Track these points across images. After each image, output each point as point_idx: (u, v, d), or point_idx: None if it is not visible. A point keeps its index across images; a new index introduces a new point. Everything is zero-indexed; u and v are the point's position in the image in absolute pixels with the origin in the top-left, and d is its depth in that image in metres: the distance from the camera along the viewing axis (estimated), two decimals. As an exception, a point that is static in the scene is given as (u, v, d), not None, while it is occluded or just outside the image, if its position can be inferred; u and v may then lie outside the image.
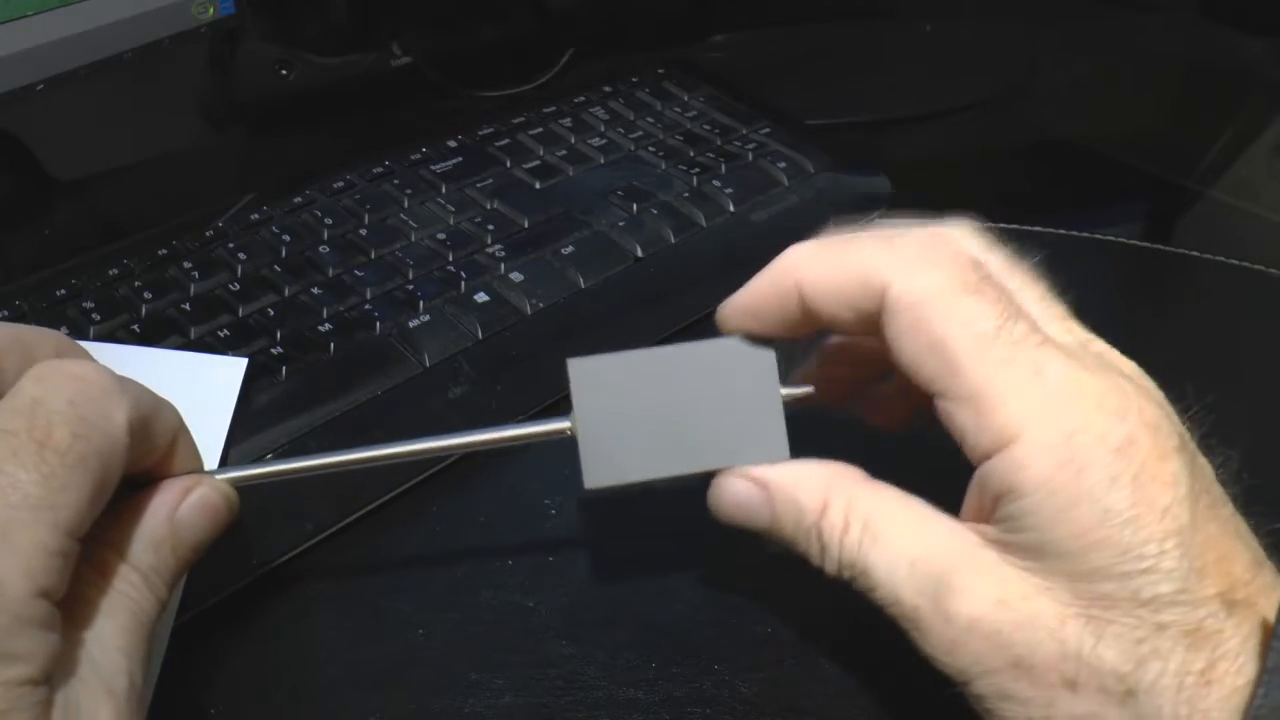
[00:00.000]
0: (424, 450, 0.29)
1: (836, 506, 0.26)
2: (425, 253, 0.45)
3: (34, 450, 0.23)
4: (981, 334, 0.23)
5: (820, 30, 0.70)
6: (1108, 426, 0.22)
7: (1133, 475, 0.22)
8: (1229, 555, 0.22)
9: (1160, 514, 0.22)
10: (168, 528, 0.26)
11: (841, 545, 0.25)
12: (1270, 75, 0.68)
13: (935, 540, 0.24)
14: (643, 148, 0.53)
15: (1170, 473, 0.22)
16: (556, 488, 0.36)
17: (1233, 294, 0.46)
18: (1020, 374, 0.23)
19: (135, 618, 0.25)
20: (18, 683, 0.21)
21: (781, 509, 0.26)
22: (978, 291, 0.24)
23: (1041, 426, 0.23)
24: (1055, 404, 0.23)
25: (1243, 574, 0.22)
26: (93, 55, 0.46)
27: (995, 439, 0.23)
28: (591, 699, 0.30)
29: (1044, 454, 0.22)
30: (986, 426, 0.23)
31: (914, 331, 0.24)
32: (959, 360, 0.23)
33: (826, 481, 0.26)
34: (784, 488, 0.27)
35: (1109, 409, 0.23)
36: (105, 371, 0.25)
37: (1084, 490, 0.22)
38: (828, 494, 0.26)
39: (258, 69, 0.59)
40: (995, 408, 0.23)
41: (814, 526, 0.26)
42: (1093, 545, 0.22)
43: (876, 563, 0.25)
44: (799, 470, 0.27)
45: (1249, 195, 0.58)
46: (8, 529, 0.22)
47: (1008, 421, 0.23)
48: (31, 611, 0.21)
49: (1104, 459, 0.22)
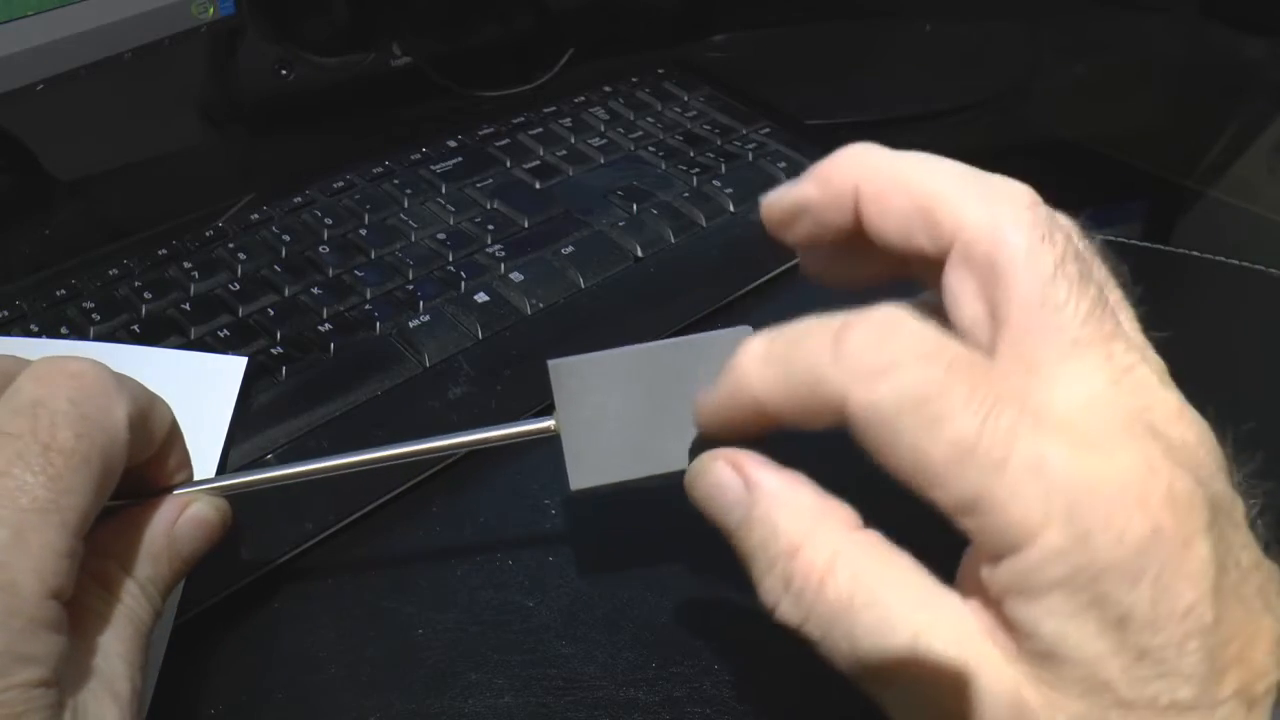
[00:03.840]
0: (411, 453, 0.29)
1: (818, 550, 0.22)
2: (425, 253, 0.45)
3: (39, 452, 0.23)
4: (958, 440, 0.20)
5: (820, 30, 0.70)
6: (1126, 522, 0.19)
7: (1154, 575, 0.19)
8: (1253, 641, 0.20)
9: (1182, 615, 0.19)
10: (165, 541, 0.27)
11: (819, 596, 0.22)
12: (1270, 75, 0.68)
13: (942, 621, 0.21)
14: (643, 148, 0.53)
15: (1197, 562, 0.20)
16: (556, 488, 0.36)
17: (1233, 294, 0.46)
18: (1015, 475, 0.20)
19: (134, 626, 0.25)
20: (32, 684, 0.21)
21: (754, 522, 0.23)
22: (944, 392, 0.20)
23: (1050, 532, 0.19)
24: (1063, 505, 0.20)
25: (1264, 660, 0.20)
26: (93, 55, 0.46)
27: (997, 547, 0.20)
28: (591, 699, 0.30)
29: (1056, 562, 0.20)
30: (986, 534, 0.20)
31: (887, 451, 0.21)
32: (943, 476, 0.20)
33: (814, 515, 0.23)
34: (768, 501, 0.23)
35: (1128, 498, 0.20)
36: (103, 368, 0.25)
37: (1100, 596, 0.20)
38: (810, 530, 0.22)
39: (258, 69, 0.59)
40: (995, 518, 0.20)
41: (780, 560, 0.22)
42: (1109, 651, 0.20)
43: (865, 630, 0.21)
44: (790, 486, 0.23)
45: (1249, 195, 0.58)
46: (19, 532, 0.22)
47: (1010, 529, 0.20)
48: (44, 613, 0.22)
49: (1123, 561, 0.19)
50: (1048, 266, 0.22)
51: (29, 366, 0.25)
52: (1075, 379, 0.21)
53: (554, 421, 0.28)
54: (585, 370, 0.28)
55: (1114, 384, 0.21)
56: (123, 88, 0.53)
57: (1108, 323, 0.22)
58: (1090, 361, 0.21)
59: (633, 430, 0.28)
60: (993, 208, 0.22)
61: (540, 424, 0.28)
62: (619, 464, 0.28)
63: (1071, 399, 0.21)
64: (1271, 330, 0.44)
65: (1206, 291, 0.47)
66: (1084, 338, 0.22)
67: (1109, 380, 0.21)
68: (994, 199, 0.23)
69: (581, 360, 0.28)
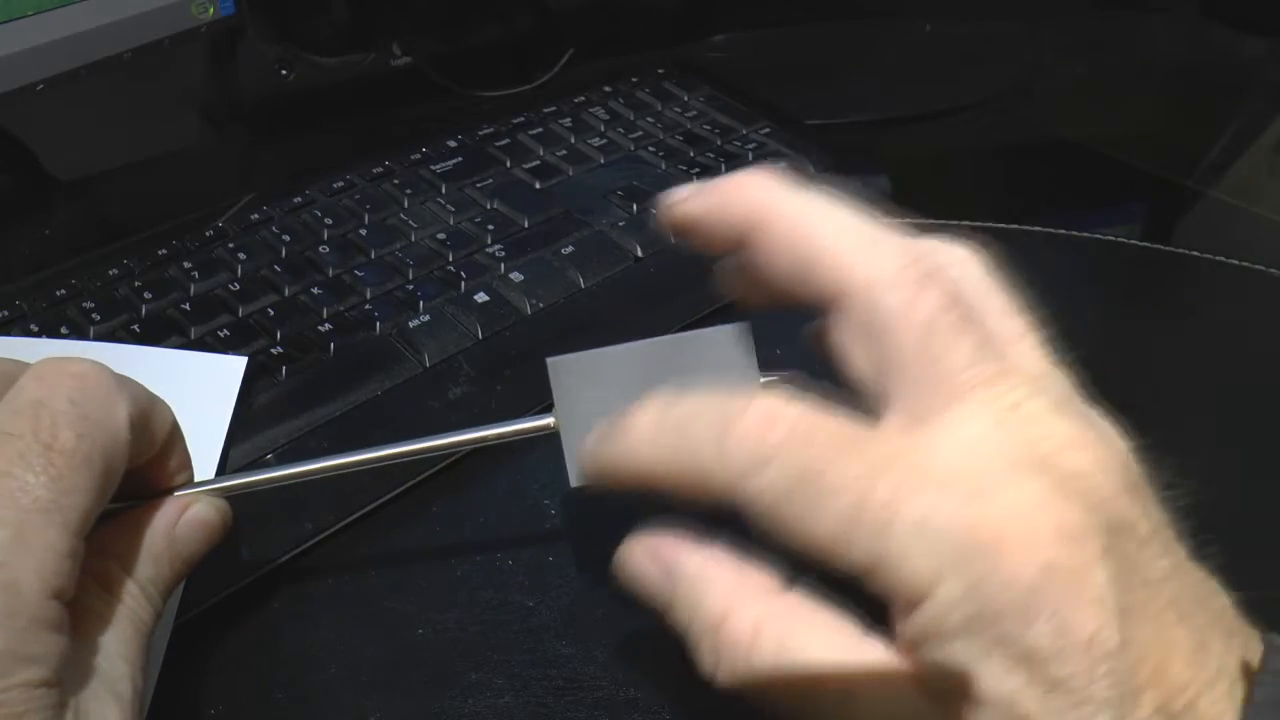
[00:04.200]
0: (411, 452, 0.29)
1: (741, 619, 0.23)
2: (425, 253, 0.45)
3: (40, 452, 0.23)
4: (844, 511, 0.21)
5: (820, 30, 0.70)
6: (1015, 564, 0.20)
7: (1052, 609, 0.20)
8: (1167, 656, 0.20)
9: (1087, 644, 0.20)
10: (166, 542, 0.27)
11: (749, 661, 0.23)
12: (1270, 75, 0.68)
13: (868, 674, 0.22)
14: (643, 148, 0.53)
15: (1095, 590, 0.20)
16: (556, 488, 0.36)
17: (1233, 294, 0.46)
18: (904, 533, 0.21)
19: (135, 627, 0.25)
20: (34, 684, 0.21)
21: (679, 601, 0.24)
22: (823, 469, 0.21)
23: (945, 584, 0.20)
24: (953, 556, 0.20)
25: (1181, 675, 0.20)
26: (93, 55, 0.46)
27: (903, 602, 0.21)
28: (591, 699, 0.30)
29: (954, 611, 0.20)
30: (891, 592, 0.21)
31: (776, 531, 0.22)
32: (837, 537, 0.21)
33: (733, 589, 0.24)
34: (688, 581, 0.24)
35: (1015, 541, 0.20)
36: (104, 369, 0.25)
37: (1000, 637, 0.20)
38: (733, 603, 0.23)
39: (258, 69, 0.59)
40: (891, 575, 0.21)
41: (709, 634, 0.23)
42: (1020, 686, 0.20)
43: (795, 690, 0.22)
44: (707, 565, 0.24)
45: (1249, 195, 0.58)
46: (21, 532, 0.22)
47: (909, 585, 0.21)
48: (46, 613, 0.22)
49: (1016, 602, 0.20)
50: (924, 318, 0.22)
51: (31, 367, 0.25)
52: (960, 426, 0.22)
53: (553, 419, 0.28)
54: (583, 367, 0.28)
55: (1000, 425, 0.22)
56: (123, 88, 0.53)
57: (990, 364, 0.22)
58: (973, 406, 0.22)
59: None
60: (870, 264, 0.23)
61: (539, 421, 0.28)
62: None
63: (955, 447, 0.22)
64: (1271, 330, 0.44)
65: (1206, 291, 0.47)
66: (965, 383, 0.22)
67: (994, 422, 0.22)
68: (872, 256, 0.23)
69: (580, 357, 0.28)
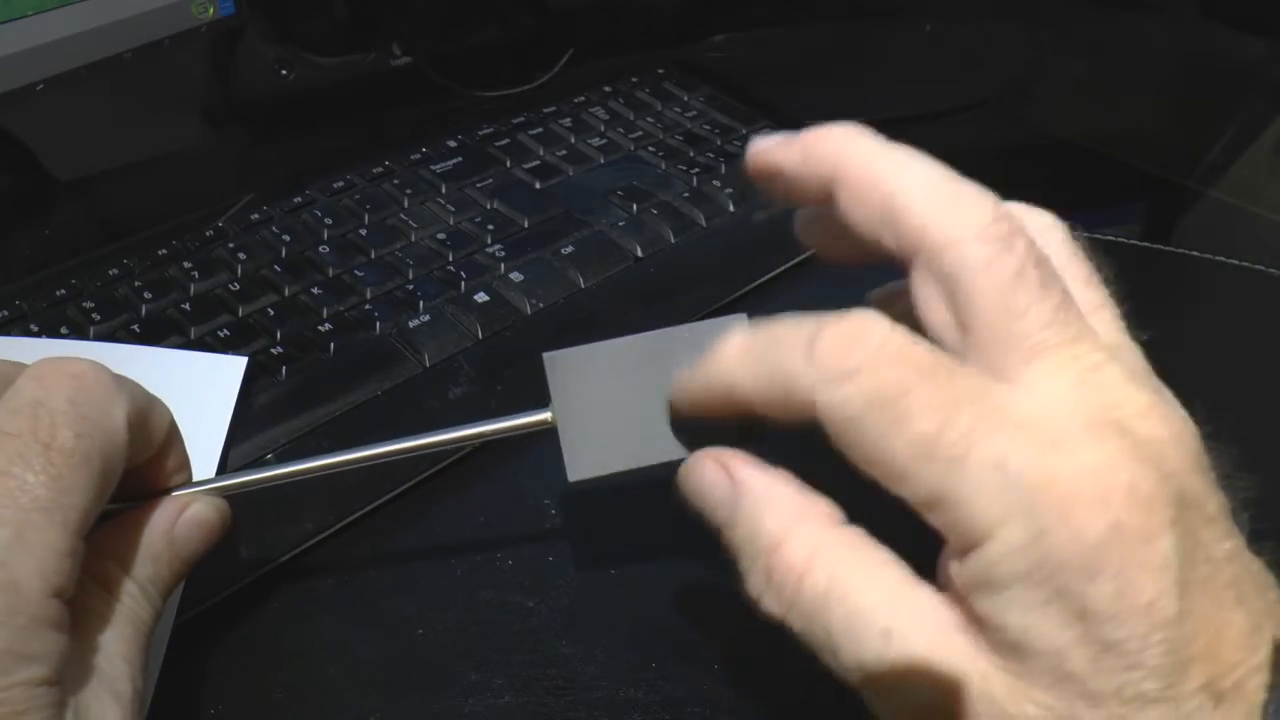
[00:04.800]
0: (409, 449, 0.29)
1: (798, 546, 0.23)
2: (425, 253, 0.45)
3: (40, 452, 0.23)
4: (919, 439, 0.21)
5: (820, 30, 0.70)
6: (1084, 520, 0.20)
7: (1115, 570, 0.20)
8: (1221, 634, 0.20)
9: (1145, 608, 0.20)
10: (165, 542, 0.27)
11: (799, 590, 0.23)
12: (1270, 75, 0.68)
13: (914, 614, 0.22)
14: (643, 148, 0.53)
15: (1159, 557, 0.20)
16: (556, 487, 0.36)
17: (1233, 294, 0.46)
18: (976, 473, 0.20)
19: (135, 626, 0.25)
20: (35, 683, 0.21)
21: (739, 519, 0.24)
22: (905, 393, 0.21)
23: (1009, 528, 0.20)
24: (1022, 502, 0.20)
25: (1233, 654, 0.20)
26: (93, 55, 0.46)
27: (962, 542, 0.21)
28: (591, 699, 0.30)
29: (1015, 557, 0.20)
30: (951, 530, 0.21)
31: (851, 448, 0.22)
32: (905, 472, 0.21)
33: (795, 513, 0.24)
34: (753, 499, 0.24)
35: (1087, 497, 0.20)
36: (102, 369, 0.25)
37: (1060, 589, 0.20)
38: (792, 529, 0.23)
39: (258, 69, 0.59)
40: (956, 513, 0.21)
41: (762, 556, 0.23)
42: (1074, 643, 0.20)
43: (839, 622, 0.22)
44: (774, 485, 0.24)
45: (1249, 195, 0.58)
46: (21, 531, 0.22)
47: (971, 525, 0.21)
48: (47, 612, 0.22)
49: (1080, 557, 0.20)
50: (1007, 275, 0.22)
51: (29, 367, 0.25)
52: (1039, 381, 0.22)
53: (550, 413, 0.28)
54: (580, 361, 0.28)
55: (1080, 384, 0.22)
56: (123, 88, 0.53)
57: (1071, 325, 0.22)
58: (1053, 364, 0.22)
59: (629, 420, 0.28)
60: (954, 219, 0.23)
61: (536, 416, 0.28)
62: (616, 454, 0.28)
63: (1034, 400, 0.22)
64: (1271, 330, 0.44)
65: (1206, 291, 0.47)
66: (1046, 341, 0.22)
67: (1074, 381, 0.22)
68: (956, 210, 0.23)
69: (576, 352, 0.28)
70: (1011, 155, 0.60)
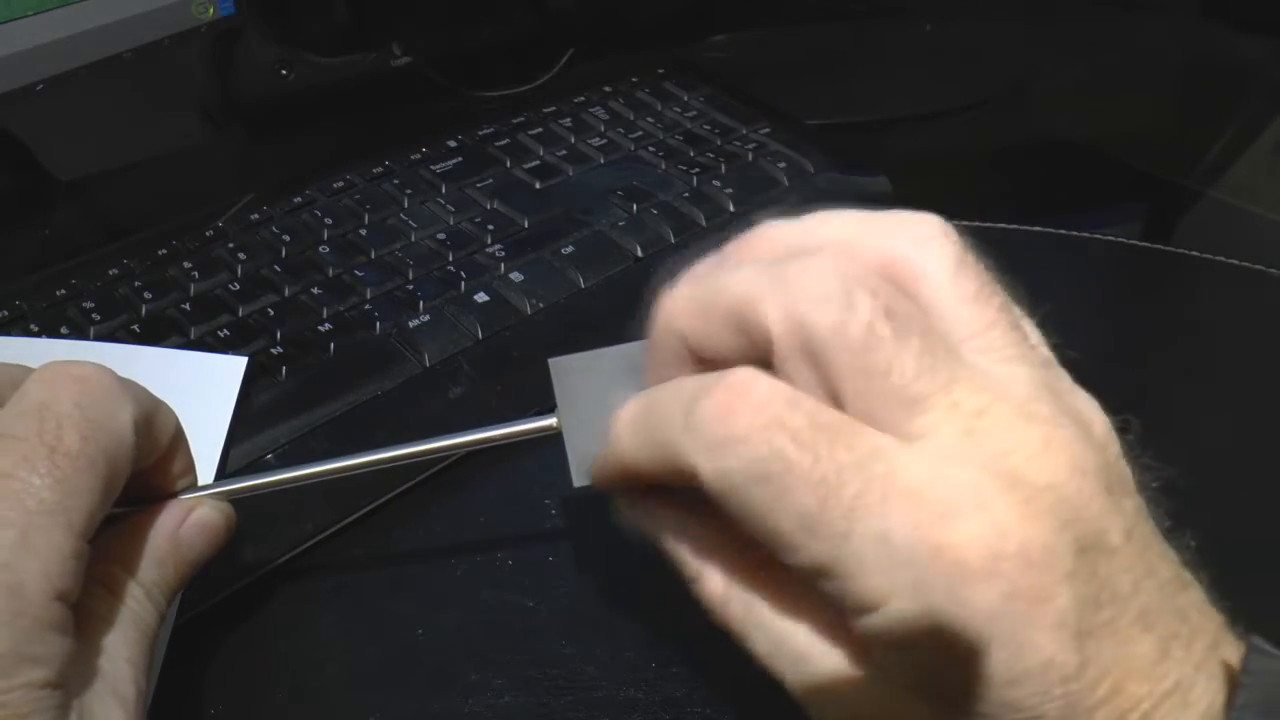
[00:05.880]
0: (413, 454, 0.29)
1: (713, 579, 0.24)
2: (425, 253, 0.45)
3: (45, 455, 0.23)
4: (804, 513, 0.20)
5: (820, 30, 0.70)
6: (974, 592, 0.20)
7: (1008, 636, 0.20)
8: (1128, 672, 0.20)
9: (1043, 668, 0.20)
10: (170, 545, 0.27)
11: (726, 619, 0.24)
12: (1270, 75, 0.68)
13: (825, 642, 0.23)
14: (643, 148, 0.53)
15: (1055, 615, 0.20)
16: (557, 488, 0.36)
17: (1233, 294, 0.46)
18: (861, 545, 0.20)
19: (139, 629, 0.25)
20: (38, 685, 0.21)
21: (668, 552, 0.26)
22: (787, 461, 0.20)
23: (898, 601, 0.20)
24: (910, 577, 0.20)
25: (1138, 689, 0.20)
26: (93, 55, 0.46)
27: (855, 609, 0.21)
28: (591, 699, 0.30)
29: (906, 628, 0.20)
30: (841, 598, 0.21)
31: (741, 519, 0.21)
32: (793, 544, 0.21)
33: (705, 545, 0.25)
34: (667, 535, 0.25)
35: (976, 569, 0.20)
36: (108, 372, 0.25)
37: (955, 658, 0.20)
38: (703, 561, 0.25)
39: (258, 69, 0.59)
40: (846, 585, 0.20)
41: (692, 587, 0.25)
42: (976, 702, 0.20)
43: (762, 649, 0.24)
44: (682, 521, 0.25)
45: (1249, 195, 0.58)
46: (26, 533, 0.22)
47: (860, 598, 0.20)
48: (51, 614, 0.22)
49: (973, 629, 0.20)
50: (857, 336, 0.21)
51: (35, 371, 0.25)
52: (926, 436, 0.21)
53: (555, 419, 0.28)
54: (585, 367, 0.28)
55: (966, 434, 0.21)
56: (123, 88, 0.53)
57: (941, 371, 0.21)
58: (936, 417, 0.21)
59: None
60: (790, 298, 0.22)
61: (541, 422, 0.28)
62: None
63: (921, 462, 0.21)
64: (1271, 330, 0.44)
65: (1206, 291, 0.47)
66: (920, 392, 0.21)
67: (960, 431, 0.21)
68: (790, 289, 0.22)
69: (581, 358, 0.28)
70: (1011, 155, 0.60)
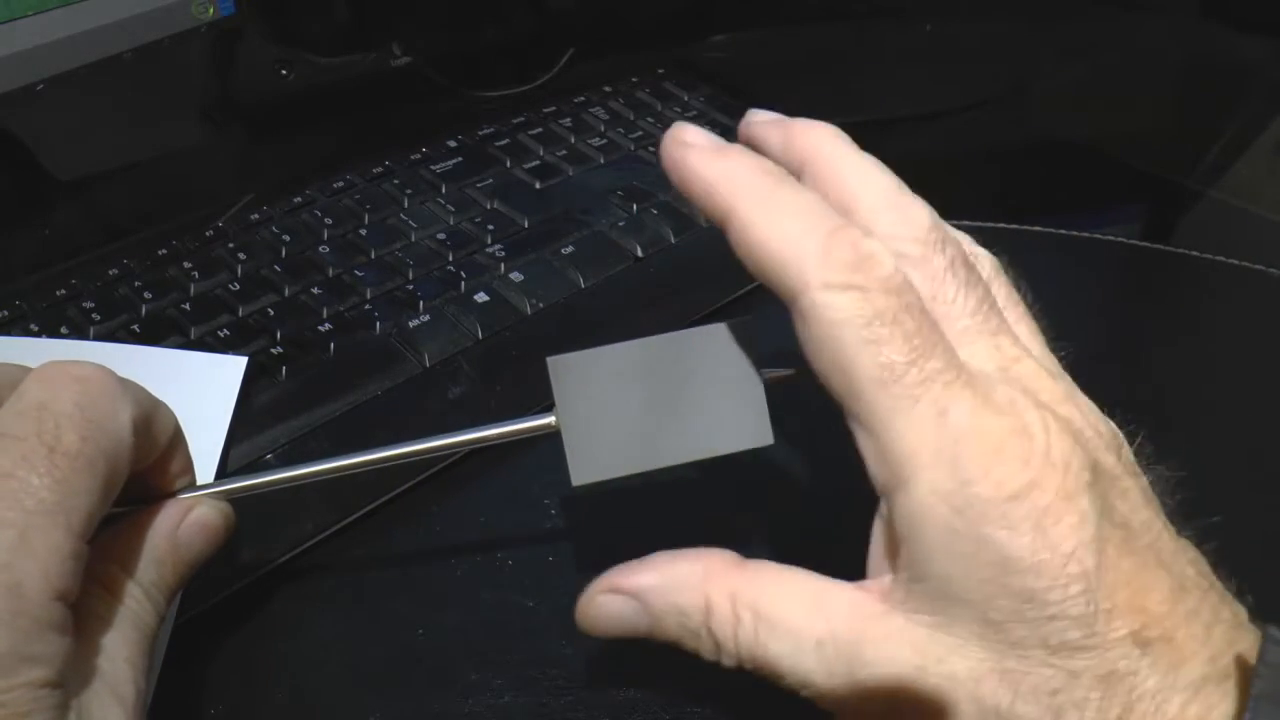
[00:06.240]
0: (413, 453, 0.29)
1: (721, 601, 0.24)
2: (425, 253, 0.45)
3: (44, 455, 0.23)
4: (889, 366, 0.22)
5: (820, 30, 0.70)
6: (1006, 473, 0.21)
7: (1034, 522, 0.21)
8: (1144, 589, 0.22)
9: (1064, 559, 0.21)
10: (169, 545, 0.27)
11: (737, 640, 0.24)
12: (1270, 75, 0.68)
13: (836, 615, 0.23)
14: (643, 148, 0.53)
15: (1077, 514, 0.21)
16: (556, 487, 0.36)
17: (1233, 294, 0.46)
18: (922, 414, 0.22)
19: (139, 629, 0.25)
20: (38, 685, 0.21)
21: (661, 615, 0.25)
22: (894, 322, 0.22)
23: (937, 472, 0.22)
24: (953, 450, 0.22)
25: (1158, 607, 0.22)
26: (93, 55, 0.46)
27: (891, 475, 0.22)
28: (591, 699, 0.30)
29: (939, 502, 0.22)
30: (884, 459, 0.23)
31: (823, 347, 0.23)
32: (862, 388, 0.22)
33: (703, 578, 0.25)
34: (660, 594, 0.25)
35: (1011, 454, 0.22)
36: (108, 372, 0.25)
37: (983, 539, 0.21)
38: (708, 590, 0.24)
39: (258, 69, 0.59)
40: (893, 443, 0.22)
41: (702, 627, 0.24)
42: (996, 593, 0.21)
43: (779, 652, 0.23)
44: (672, 572, 0.25)
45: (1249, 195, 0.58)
46: (25, 533, 0.22)
47: (903, 460, 0.22)
48: (50, 614, 0.22)
49: (1001, 508, 0.21)
50: (939, 268, 0.24)
51: (34, 370, 0.25)
52: (970, 361, 0.23)
53: (554, 418, 0.28)
54: (585, 366, 0.28)
55: (1003, 370, 0.24)
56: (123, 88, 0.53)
57: (993, 320, 0.24)
58: (980, 349, 0.24)
59: (633, 425, 0.28)
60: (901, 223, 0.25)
61: (541, 421, 0.28)
62: (620, 459, 0.28)
63: (973, 368, 0.23)
64: (1271, 330, 0.44)
65: (1206, 291, 0.47)
66: (971, 328, 0.24)
67: (998, 366, 0.24)
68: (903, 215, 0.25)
69: (581, 356, 0.28)
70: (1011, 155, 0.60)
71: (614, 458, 0.28)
